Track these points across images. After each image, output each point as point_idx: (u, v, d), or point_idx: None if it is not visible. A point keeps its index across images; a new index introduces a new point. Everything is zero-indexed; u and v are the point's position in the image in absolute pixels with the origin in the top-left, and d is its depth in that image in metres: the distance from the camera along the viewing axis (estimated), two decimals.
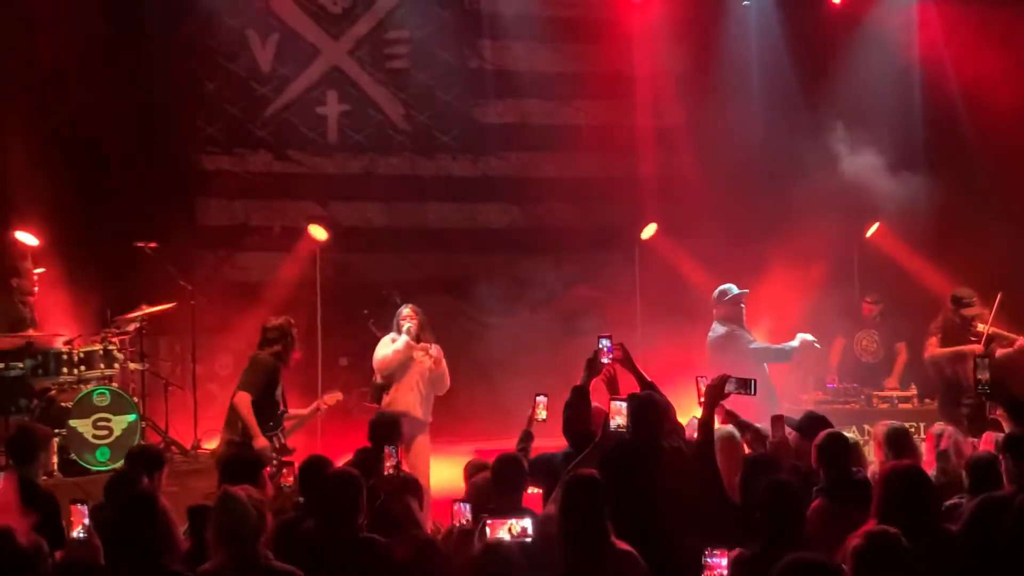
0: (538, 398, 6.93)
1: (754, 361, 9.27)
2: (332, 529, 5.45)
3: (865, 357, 11.40)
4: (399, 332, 9.43)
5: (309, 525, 5.71)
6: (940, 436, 6.84)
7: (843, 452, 6.00)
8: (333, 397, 9.50)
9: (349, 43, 13.10)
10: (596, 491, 5.22)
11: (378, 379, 9.48)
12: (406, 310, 9.51)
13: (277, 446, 8.89)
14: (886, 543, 4.45)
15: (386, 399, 9.36)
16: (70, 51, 11.59)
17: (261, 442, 8.60)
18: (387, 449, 6.40)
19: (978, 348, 10.04)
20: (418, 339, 9.39)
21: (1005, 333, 10.26)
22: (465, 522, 5.58)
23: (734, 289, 9.72)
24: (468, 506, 5.48)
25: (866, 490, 5.64)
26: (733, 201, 12.48)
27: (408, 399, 9.32)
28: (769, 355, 9.60)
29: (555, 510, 5.40)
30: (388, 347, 9.41)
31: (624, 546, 5.23)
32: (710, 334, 9.65)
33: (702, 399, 6.48)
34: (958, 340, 10.42)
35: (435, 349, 9.43)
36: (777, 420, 6.61)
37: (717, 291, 9.78)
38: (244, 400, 8.67)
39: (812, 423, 6.61)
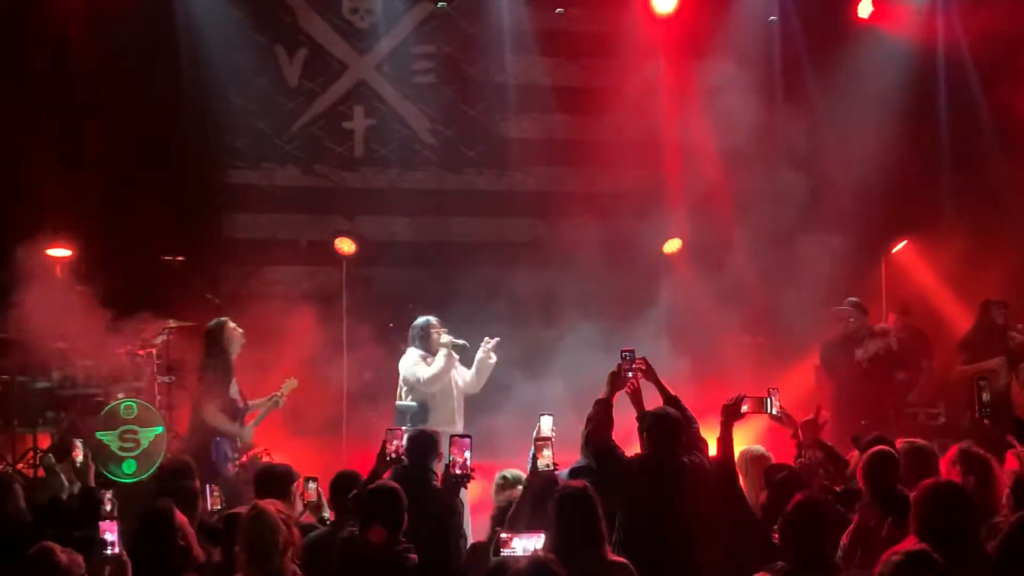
0: (542, 418, 6.88)
1: None
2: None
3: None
4: (425, 346, 9.32)
5: (344, 537, 5.73)
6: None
7: (890, 469, 5.93)
8: (289, 386, 9.52)
9: (376, 58, 13.17)
10: (588, 504, 5.23)
11: (407, 399, 9.31)
12: (433, 320, 9.41)
13: (239, 444, 9.06)
14: (921, 563, 4.40)
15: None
16: (101, 65, 11.70)
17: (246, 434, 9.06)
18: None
19: (996, 363, 10.02)
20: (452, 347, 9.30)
21: None
22: None
23: None
24: None
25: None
26: (758, 215, 12.46)
27: (445, 414, 9.20)
28: None
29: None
30: (425, 366, 9.22)
31: (617, 558, 5.23)
32: None
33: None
34: (988, 348, 10.36)
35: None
36: (811, 443, 6.52)
37: None
38: (211, 411, 8.93)
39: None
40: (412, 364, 9.28)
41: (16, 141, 11.15)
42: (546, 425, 6.69)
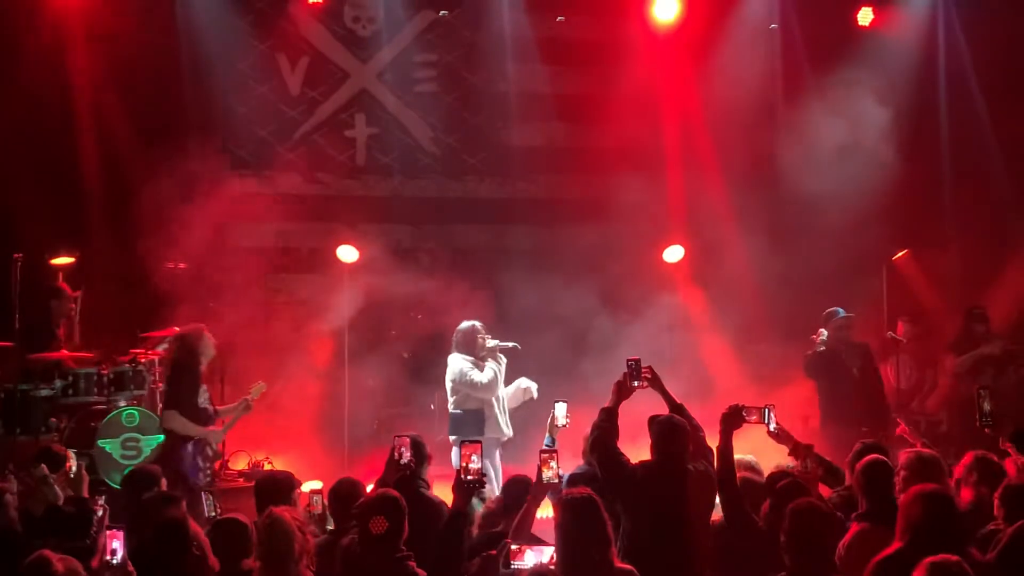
0: (557, 404, 6.90)
1: None
2: (376, 550, 5.40)
3: (903, 383, 11.29)
4: (469, 350, 9.05)
5: (344, 544, 5.71)
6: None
7: (885, 478, 5.94)
8: (259, 389, 9.20)
9: (377, 66, 13.21)
10: (592, 510, 5.18)
11: (456, 408, 9.04)
12: (478, 324, 9.16)
13: (210, 453, 8.72)
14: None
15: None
16: (102, 74, 11.72)
17: (213, 430, 8.64)
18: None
19: (990, 349, 10.12)
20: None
21: None
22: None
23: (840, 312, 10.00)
24: None
25: None
26: (759, 223, 12.47)
27: (496, 420, 9.00)
28: None
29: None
30: (479, 371, 8.93)
31: (624, 565, 5.20)
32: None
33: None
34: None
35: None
36: (806, 451, 6.51)
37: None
38: (171, 416, 8.58)
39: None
40: (467, 370, 8.96)
41: (16, 147, 11.18)
42: (560, 411, 6.83)
